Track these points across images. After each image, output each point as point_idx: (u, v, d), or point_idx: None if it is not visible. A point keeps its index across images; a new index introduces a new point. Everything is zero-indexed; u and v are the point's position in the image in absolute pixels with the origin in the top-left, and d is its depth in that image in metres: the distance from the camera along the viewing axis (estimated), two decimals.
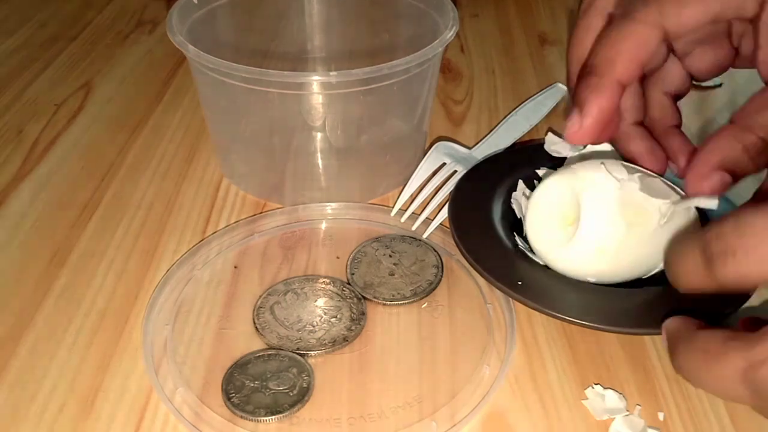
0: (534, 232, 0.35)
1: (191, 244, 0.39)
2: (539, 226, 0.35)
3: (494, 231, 0.37)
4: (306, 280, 0.37)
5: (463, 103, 0.54)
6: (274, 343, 0.33)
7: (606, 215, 0.32)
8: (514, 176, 0.40)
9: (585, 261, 0.33)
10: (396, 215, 0.41)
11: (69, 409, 0.31)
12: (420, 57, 0.38)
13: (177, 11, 0.41)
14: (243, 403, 0.31)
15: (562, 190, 0.34)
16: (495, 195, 0.39)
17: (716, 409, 0.31)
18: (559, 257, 0.34)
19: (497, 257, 0.35)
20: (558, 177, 0.34)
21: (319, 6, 0.50)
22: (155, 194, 0.44)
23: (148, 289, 0.37)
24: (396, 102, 0.42)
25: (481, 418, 0.31)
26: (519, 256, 0.36)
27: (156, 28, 0.65)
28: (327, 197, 0.42)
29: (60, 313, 0.35)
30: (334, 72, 0.36)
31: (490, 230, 0.37)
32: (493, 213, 0.38)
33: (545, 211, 0.34)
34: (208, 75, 0.38)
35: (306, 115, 0.41)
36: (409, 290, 0.37)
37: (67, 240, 0.40)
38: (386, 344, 0.34)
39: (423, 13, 0.45)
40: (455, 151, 0.44)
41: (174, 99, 0.54)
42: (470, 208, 0.38)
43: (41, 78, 0.56)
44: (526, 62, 0.59)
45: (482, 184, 0.40)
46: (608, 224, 0.32)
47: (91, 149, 0.48)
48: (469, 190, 0.40)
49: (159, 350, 0.33)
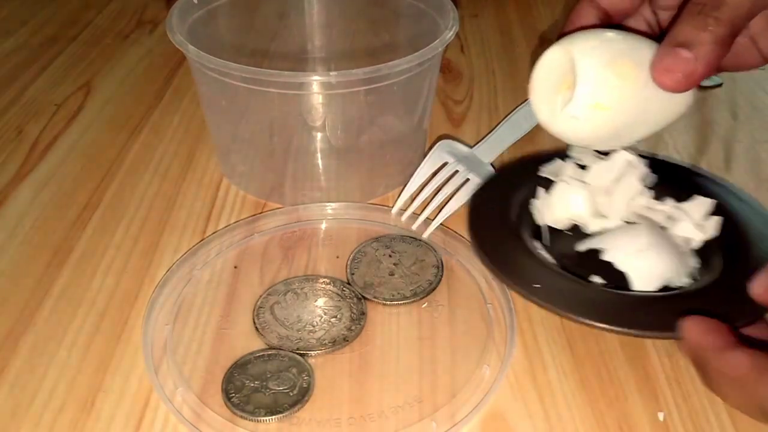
0: (537, 102, 0.36)
1: (191, 244, 0.39)
2: (541, 95, 0.36)
3: (513, 233, 0.37)
4: (306, 280, 0.37)
5: (463, 103, 0.54)
6: (274, 343, 0.33)
7: (600, 71, 0.33)
8: (531, 183, 0.40)
9: (585, 121, 0.34)
10: (396, 215, 0.41)
11: (69, 409, 0.31)
12: (420, 57, 0.38)
13: (177, 11, 0.41)
14: (243, 403, 0.31)
15: (560, 58, 0.35)
16: (512, 201, 0.39)
17: (716, 409, 0.31)
18: (561, 121, 0.35)
19: (515, 260, 0.35)
20: (555, 47, 0.35)
21: (319, 6, 0.50)
22: (155, 194, 0.44)
23: (148, 289, 0.37)
24: (396, 102, 0.42)
25: (481, 418, 0.31)
26: (537, 259, 0.35)
27: (156, 28, 0.65)
28: (327, 197, 0.42)
29: (60, 313, 0.35)
30: (334, 72, 0.36)
31: (509, 233, 0.37)
32: (510, 217, 0.38)
33: (546, 81, 0.35)
34: (208, 75, 0.38)
35: (306, 115, 0.41)
36: (409, 290, 0.36)
37: (67, 240, 0.40)
38: (386, 344, 0.34)
39: (423, 13, 0.45)
40: (457, 150, 0.44)
41: (174, 99, 0.54)
42: (488, 213, 0.38)
43: (41, 78, 0.56)
44: (526, 62, 0.59)
45: (500, 191, 0.40)
46: (602, 78, 0.33)
47: (91, 149, 0.48)
48: (487, 196, 0.40)
49: (159, 350, 0.33)
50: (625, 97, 0.33)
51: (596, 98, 0.33)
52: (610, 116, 0.34)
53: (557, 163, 0.39)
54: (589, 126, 0.34)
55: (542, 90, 0.36)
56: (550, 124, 0.35)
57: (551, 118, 0.35)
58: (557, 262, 0.36)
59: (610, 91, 0.33)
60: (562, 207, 0.38)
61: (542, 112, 0.36)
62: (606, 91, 0.33)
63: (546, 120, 0.36)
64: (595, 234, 0.37)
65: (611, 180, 0.37)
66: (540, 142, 0.48)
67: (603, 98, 0.33)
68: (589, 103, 0.33)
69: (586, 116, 0.34)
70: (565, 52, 0.34)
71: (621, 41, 0.34)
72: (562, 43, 0.35)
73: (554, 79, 0.35)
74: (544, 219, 0.38)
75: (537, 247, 0.37)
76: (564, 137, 0.36)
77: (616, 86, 0.33)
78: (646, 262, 0.34)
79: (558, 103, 0.35)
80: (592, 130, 0.34)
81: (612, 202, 0.37)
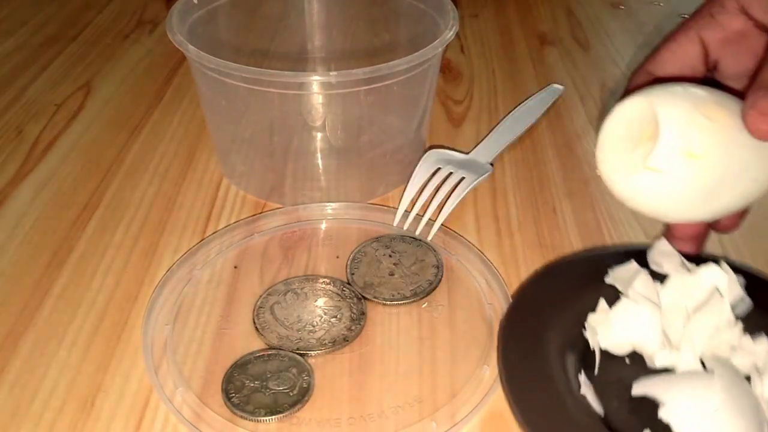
0: (608, 161, 0.30)
1: (191, 244, 0.39)
2: (613, 153, 0.30)
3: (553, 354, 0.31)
4: (306, 280, 0.37)
5: (463, 104, 0.54)
6: (274, 343, 0.33)
7: (687, 113, 0.28)
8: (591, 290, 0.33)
9: (673, 175, 0.28)
10: (399, 222, 0.40)
11: (69, 409, 0.31)
12: (420, 57, 0.38)
13: (177, 11, 0.41)
14: (243, 403, 0.31)
15: (637, 108, 0.29)
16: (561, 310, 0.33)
17: None
18: (641, 180, 0.28)
19: (548, 402, 0.29)
20: (632, 97, 0.30)
21: (319, 6, 0.50)
22: (155, 194, 0.44)
23: (148, 289, 0.37)
24: (396, 102, 0.42)
25: (481, 418, 0.31)
26: (577, 404, 0.29)
27: (156, 28, 0.65)
28: (327, 197, 0.42)
29: (60, 313, 0.35)
30: (334, 72, 0.36)
31: (547, 355, 0.31)
32: (553, 329, 0.32)
33: (619, 136, 0.30)
34: (208, 75, 0.38)
35: (306, 115, 0.41)
36: (409, 290, 0.36)
37: (67, 240, 0.40)
38: (386, 344, 0.34)
39: (423, 13, 0.45)
40: (447, 156, 0.43)
41: (174, 99, 0.54)
42: (525, 324, 0.32)
43: (41, 78, 0.56)
44: (526, 62, 0.59)
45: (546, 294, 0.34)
46: (690, 121, 0.27)
47: (91, 149, 0.48)
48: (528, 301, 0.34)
49: (159, 350, 0.33)
50: (718, 141, 0.28)
51: (686, 143, 0.27)
52: (703, 167, 0.28)
53: (630, 268, 0.33)
54: (677, 182, 0.28)
55: (614, 147, 0.29)
56: (625, 187, 0.29)
57: (627, 179, 0.29)
58: (603, 407, 0.29)
59: (701, 134, 0.27)
60: (625, 330, 0.31)
61: (615, 172, 0.29)
62: (697, 135, 0.27)
63: (620, 182, 0.29)
64: (660, 371, 0.31)
65: (694, 303, 0.31)
66: (540, 142, 0.49)
67: (694, 143, 0.27)
68: (678, 149, 0.27)
69: (675, 168, 0.28)
70: (644, 101, 0.29)
71: (703, 89, 0.29)
72: (640, 94, 0.29)
73: (629, 133, 0.29)
74: (599, 341, 0.31)
75: (582, 382, 0.30)
76: (643, 204, 0.29)
77: (707, 128, 0.27)
78: (713, 430, 0.27)
79: (637, 159, 0.29)
80: (681, 189, 0.28)
81: (690, 333, 0.30)
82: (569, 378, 0.30)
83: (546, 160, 0.47)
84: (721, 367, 0.29)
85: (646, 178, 0.28)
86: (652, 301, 0.31)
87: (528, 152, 0.48)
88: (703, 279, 0.31)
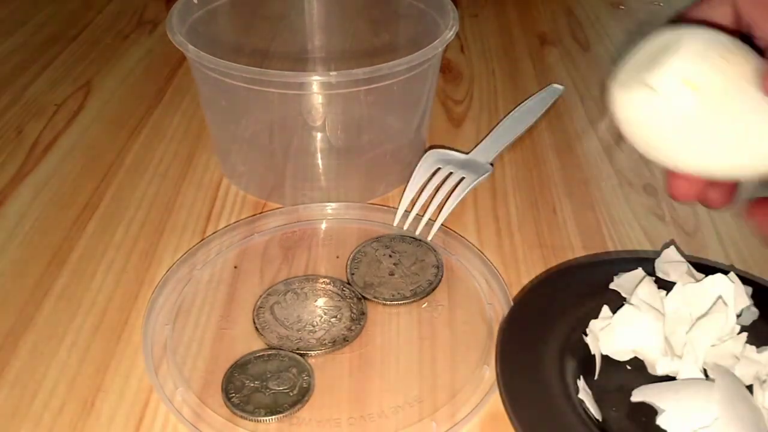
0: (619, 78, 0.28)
1: (191, 244, 0.39)
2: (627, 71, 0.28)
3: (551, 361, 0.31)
4: (306, 280, 0.37)
5: (463, 103, 0.54)
6: (274, 343, 0.33)
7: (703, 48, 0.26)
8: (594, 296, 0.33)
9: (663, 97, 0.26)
10: (399, 222, 0.40)
11: (69, 409, 0.31)
12: (420, 57, 0.38)
13: (177, 11, 0.41)
14: (243, 403, 0.31)
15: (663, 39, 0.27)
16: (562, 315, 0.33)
17: None
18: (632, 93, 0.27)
19: (545, 408, 0.29)
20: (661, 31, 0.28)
21: (319, 6, 0.50)
22: (155, 194, 0.44)
23: (148, 289, 0.37)
24: (396, 102, 0.42)
25: (480, 418, 0.31)
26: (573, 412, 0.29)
27: (156, 28, 0.65)
28: (327, 197, 0.42)
29: (60, 313, 0.35)
30: (334, 72, 0.36)
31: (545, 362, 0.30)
32: (553, 335, 0.31)
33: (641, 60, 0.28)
34: (208, 75, 0.38)
35: (306, 115, 0.41)
36: (409, 290, 0.36)
37: (67, 240, 0.40)
38: (386, 344, 0.34)
39: (423, 13, 0.45)
40: (447, 157, 0.44)
41: (174, 99, 0.54)
42: (525, 330, 0.32)
43: (41, 78, 0.56)
44: (526, 62, 0.59)
45: (547, 299, 0.34)
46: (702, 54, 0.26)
47: (91, 149, 0.48)
48: (530, 306, 0.33)
49: (159, 350, 0.33)
50: (722, 82, 0.25)
51: (687, 71, 0.25)
52: (698, 102, 0.25)
53: (635, 275, 0.33)
54: (667, 107, 0.26)
55: (629, 69, 0.28)
56: (621, 103, 0.27)
57: (624, 95, 0.27)
58: (601, 413, 0.29)
59: (707, 69, 0.25)
60: (627, 336, 0.31)
61: (618, 87, 0.27)
62: (701, 67, 0.25)
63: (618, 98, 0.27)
64: (662, 378, 0.30)
65: (698, 311, 0.30)
66: (540, 142, 0.49)
67: (695, 73, 0.25)
68: (678, 72, 0.25)
69: (668, 91, 0.26)
70: (669, 32, 0.27)
71: (731, 39, 0.27)
72: (668, 28, 0.28)
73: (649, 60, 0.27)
74: (601, 347, 0.31)
75: (580, 387, 0.30)
76: (628, 121, 0.27)
77: (717, 66, 0.25)
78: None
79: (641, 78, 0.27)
80: (670, 116, 0.26)
81: (692, 341, 0.30)
82: (567, 383, 0.30)
83: (546, 160, 0.47)
84: (723, 376, 0.28)
85: (640, 95, 0.26)
86: (655, 308, 0.31)
87: (528, 152, 0.48)
88: (708, 288, 0.31)
